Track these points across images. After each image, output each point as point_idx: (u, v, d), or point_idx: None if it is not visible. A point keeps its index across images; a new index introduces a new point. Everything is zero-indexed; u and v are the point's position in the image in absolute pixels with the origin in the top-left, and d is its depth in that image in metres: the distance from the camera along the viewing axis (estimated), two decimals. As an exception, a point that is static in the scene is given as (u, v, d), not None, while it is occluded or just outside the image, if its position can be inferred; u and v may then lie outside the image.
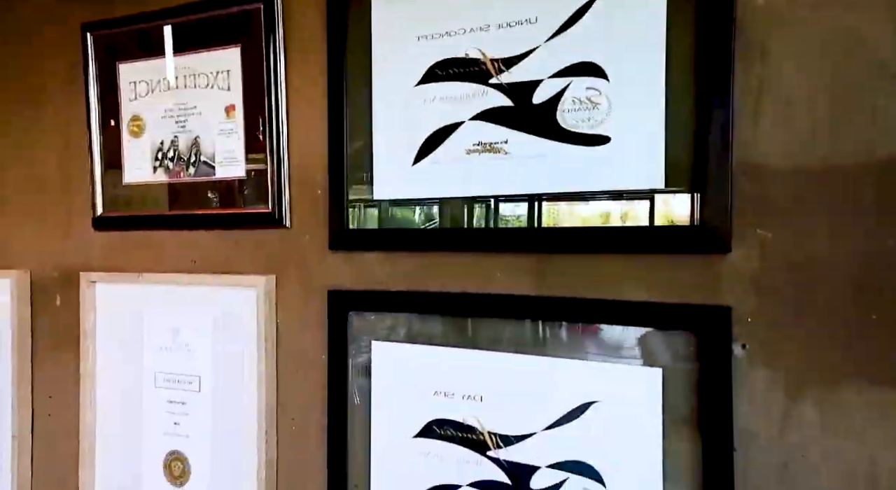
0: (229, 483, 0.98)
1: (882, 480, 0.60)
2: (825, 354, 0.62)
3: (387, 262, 0.87)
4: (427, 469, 0.82)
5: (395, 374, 0.85)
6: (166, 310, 1.04)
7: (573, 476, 0.74)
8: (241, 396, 0.97)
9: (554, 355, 0.75)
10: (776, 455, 0.64)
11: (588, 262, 0.74)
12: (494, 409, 0.78)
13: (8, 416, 1.16)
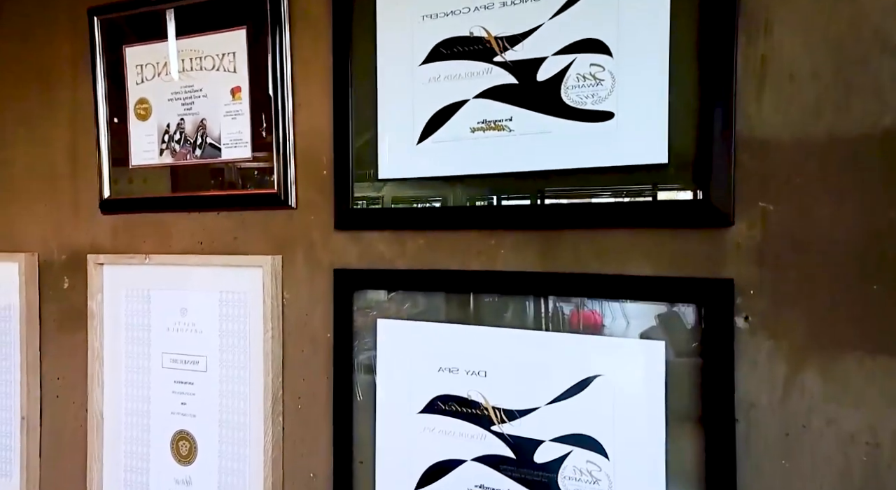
0: (236, 461, 0.99)
1: (883, 447, 0.61)
2: (827, 325, 0.63)
3: (392, 241, 0.88)
4: (432, 444, 0.83)
5: (401, 351, 0.86)
6: (173, 291, 1.05)
7: (577, 449, 0.75)
8: (247, 376, 0.98)
9: (558, 330, 0.76)
10: (777, 424, 0.65)
11: (592, 237, 0.74)
12: (499, 384, 0.79)
13: (17, 397, 1.18)
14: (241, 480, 0.98)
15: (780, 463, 0.64)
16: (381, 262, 0.88)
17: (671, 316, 0.70)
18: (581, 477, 0.74)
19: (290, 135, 0.94)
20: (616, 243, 0.73)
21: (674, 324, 0.70)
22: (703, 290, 0.68)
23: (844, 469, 0.62)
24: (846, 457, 0.62)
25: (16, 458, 1.18)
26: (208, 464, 1.01)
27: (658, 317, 0.71)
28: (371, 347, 0.88)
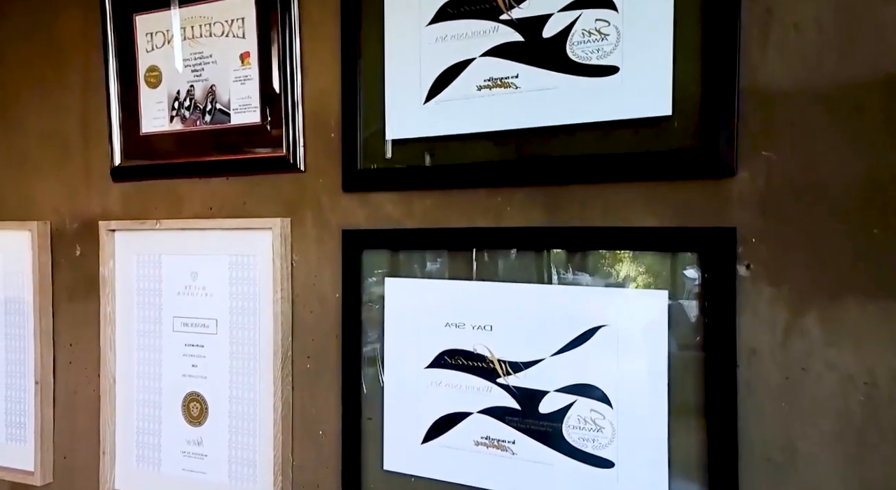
0: (246, 422, 1.01)
1: (881, 388, 0.62)
2: (827, 270, 0.64)
3: (399, 202, 0.89)
4: (439, 398, 0.85)
5: (408, 309, 0.88)
6: (184, 256, 1.06)
7: (581, 398, 0.76)
8: (257, 337, 1.00)
9: (563, 283, 0.78)
10: (777, 369, 0.66)
11: (598, 192, 0.76)
12: (504, 337, 0.81)
13: (30, 363, 1.20)
14: (252, 439, 1.00)
15: (781, 405, 0.66)
16: (389, 222, 0.90)
17: (675, 266, 0.72)
18: (585, 425, 0.76)
19: (298, 98, 0.95)
20: (621, 197, 0.74)
21: (677, 273, 0.71)
22: (706, 239, 0.69)
23: (843, 410, 0.63)
24: (845, 398, 0.63)
25: (30, 422, 1.21)
26: (219, 424, 1.03)
27: (661, 267, 0.72)
28: (379, 306, 0.90)
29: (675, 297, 0.71)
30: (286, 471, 0.96)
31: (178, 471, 1.07)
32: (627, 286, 0.74)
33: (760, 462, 0.67)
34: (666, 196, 0.72)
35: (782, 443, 0.66)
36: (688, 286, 0.71)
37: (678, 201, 0.71)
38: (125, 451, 1.12)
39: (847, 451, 0.63)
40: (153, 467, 1.09)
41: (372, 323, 0.91)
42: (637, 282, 0.73)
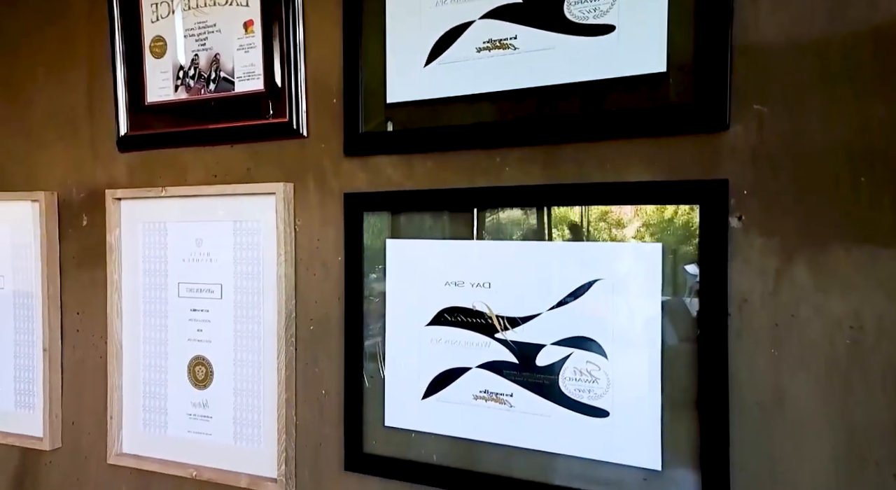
0: (251, 384, 1.03)
1: (867, 331, 0.64)
2: (817, 219, 0.66)
3: (400, 165, 0.91)
4: (439, 354, 0.87)
5: (409, 269, 0.90)
6: (189, 223, 1.08)
7: (577, 351, 0.78)
8: (261, 301, 1.02)
9: (560, 240, 0.79)
10: (768, 315, 0.68)
11: (594, 149, 0.78)
12: (503, 294, 0.83)
13: (38, 332, 1.22)
14: (256, 401, 1.03)
15: (771, 352, 0.68)
16: (390, 185, 0.92)
17: (669, 219, 0.73)
18: (581, 377, 0.78)
19: (301, 65, 0.97)
20: (617, 154, 0.76)
21: (671, 226, 0.73)
22: (699, 192, 0.71)
23: (830, 353, 0.65)
24: (832, 342, 0.65)
25: (38, 390, 1.23)
26: (224, 386, 1.06)
27: (656, 220, 0.74)
28: (380, 267, 0.92)
29: (668, 249, 0.73)
30: (290, 430, 0.99)
31: (183, 433, 1.09)
32: (622, 240, 0.76)
33: (750, 406, 0.69)
34: (661, 151, 0.73)
35: (772, 387, 0.68)
36: (681, 238, 0.73)
37: (673, 156, 0.73)
38: (132, 415, 1.14)
39: (833, 392, 0.65)
40: (160, 430, 1.12)
41: (373, 284, 0.93)
42: (632, 235, 0.75)
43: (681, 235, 0.73)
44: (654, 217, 0.74)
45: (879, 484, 0.63)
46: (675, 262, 0.73)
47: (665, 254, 0.73)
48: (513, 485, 0.81)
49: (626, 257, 0.75)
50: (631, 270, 0.75)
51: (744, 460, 0.69)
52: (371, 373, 0.93)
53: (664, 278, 0.73)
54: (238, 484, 1.02)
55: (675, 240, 0.73)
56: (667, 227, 0.73)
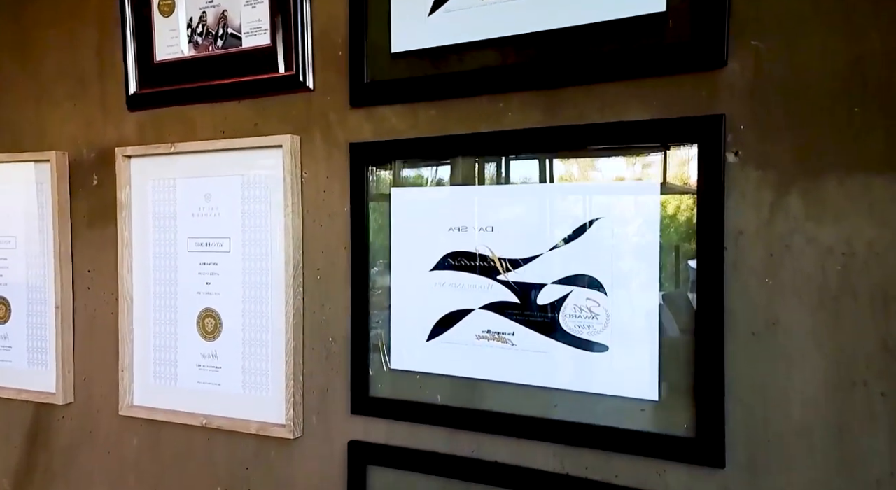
0: (259, 333, 1.06)
1: (857, 256, 0.66)
2: (811, 151, 0.68)
3: (404, 114, 0.93)
4: (443, 298, 0.89)
5: (413, 216, 0.92)
6: (197, 178, 1.11)
7: (577, 288, 0.80)
8: (268, 252, 1.04)
9: (561, 181, 0.81)
10: (762, 247, 0.70)
11: (594, 91, 0.79)
12: (505, 237, 0.85)
13: (51, 290, 1.25)
14: (264, 350, 1.05)
15: (765, 281, 0.70)
16: (395, 134, 0.94)
17: (667, 156, 0.75)
18: (581, 313, 0.80)
19: (307, 19, 0.99)
20: (617, 95, 0.78)
21: (668, 163, 0.75)
22: (696, 128, 0.73)
23: (822, 280, 0.67)
24: (823, 269, 0.67)
25: (51, 347, 1.26)
26: (233, 337, 1.08)
27: (654, 158, 0.76)
28: (386, 216, 0.94)
29: (666, 186, 0.75)
30: (297, 377, 1.01)
31: (193, 384, 1.12)
32: (622, 179, 0.78)
33: (745, 336, 0.71)
34: (659, 92, 0.75)
35: (765, 316, 0.70)
36: (679, 174, 0.75)
37: (671, 96, 0.75)
38: (143, 368, 1.17)
39: (823, 318, 0.67)
40: (170, 382, 1.14)
41: (379, 232, 0.95)
42: (630, 173, 0.77)
43: (679, 171, 0.75)
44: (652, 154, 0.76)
45: (867, 402, 0.65)
46: (672, 199, 0.75)
47: (663, 190, 0.75)
48: (514, 421, 0.84)
49: (624, 195, 0.77)
50: (630, 208, 0.77)
51: (737, 387, 0.71)
52: (377, 318, 0.95)
53: (662, 214, 0.75)
54: (247, 430, 1.05)
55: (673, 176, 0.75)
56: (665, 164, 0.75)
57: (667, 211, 0.75)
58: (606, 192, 0.78)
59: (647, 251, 0.76)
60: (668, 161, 0.75)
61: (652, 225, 0.76)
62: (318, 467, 1.00)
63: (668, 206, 0.75)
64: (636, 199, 0.77)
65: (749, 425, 0.71)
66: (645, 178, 0.76)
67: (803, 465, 0.68)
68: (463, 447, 0.88)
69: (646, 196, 0.76)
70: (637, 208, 0.77)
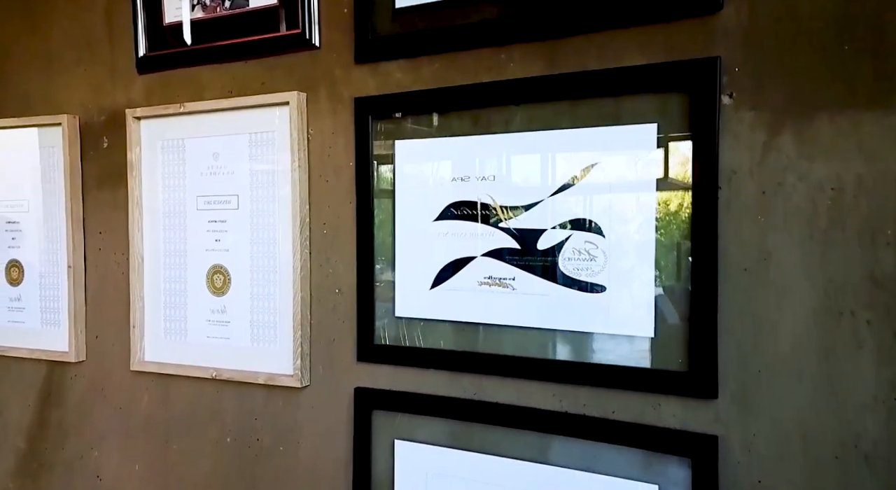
0: (267, 287, 1.09)
1: (846, 191, 0.68)
2: (803, 90, 0.70)
3: (409, 69, 0.95)
4: (446, 246, 0.92)
5: (417, 168, 0.94)
6: (206, 138, 1.13)
7: (576, 232, 0.83)
8: (276, 208, 1.07)
9: (561, 128, 0.84)
10: (755, 186, 0.73)
11: (594, 40, 0.81)
12: (506, 185, 0.87)
13: (63, 252, 1.28)
14: (272, 303, 1.08)
15: (757, 219, 0.72)
16: (399, 88, 0.96)
17: (662, 101, 0.77)
18: (580, 256, 0.83)
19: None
20: (615, 43, 0.80)
21: (666, 107, 0.77)
22: (692, 71, 0.75)
23: (812, 215, 0.70)
24: (814, 204, 0.70)
25: (63, 306, 1.29)
26: (241, 292, 1.11)
27: (651, 103, 0.78)
28: (390, 168, 0.97)
29: (663, 128, 0.77)
30: (305, 328, 1.04)
31: (203, 339, 1.15)
32: (620, 124, 0.80)
33: (738, 272, 0.74)
34: (658, 37, 0.77)
35: (757, 253, 0.73)
36: (675, 119, 0.77)
37: (668, 42, 0.77)
38: (153, 324, 1.20)
39: (813, 251, 0.70)
40: (180, 337, 1.18)
41: (383, 184, 0.98)
42: (629, 118, 0.79)
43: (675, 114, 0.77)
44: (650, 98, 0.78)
45: (853, 330, 0.68)
46: (668, 141, 0.77)
47: (660, 133, 0.77)
48: (514, 362, 0.87)
49: (623, 139, 0.80)
50: (629, 151, 0.79)
51: (730, 321, 0.74)
52: (382, 269, 0.98)
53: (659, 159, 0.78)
54: (256, 381, 1.08)
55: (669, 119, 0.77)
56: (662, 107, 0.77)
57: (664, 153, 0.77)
58: (605, 135, 0.81)
59: (645, 192, 0.78)
60: (666, 104, 0.77)
61: (650, 166, 0.78)
62: (325, 414, 1.03)
63: (665, 144, 0.77)
64: (634, 141, 0.79)
65: (740, 357, 0.74)
66: (642, 121, 0.78)
67: (792, 393, 0.71)
68: (465, 389, 0.91)
69: (643, 139, 0.78)
70: (635, 151, 0.79)
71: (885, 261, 0.66)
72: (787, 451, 0.71)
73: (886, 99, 0.66)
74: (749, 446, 0.73)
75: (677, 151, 0.77)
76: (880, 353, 0.67)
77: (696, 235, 0.75)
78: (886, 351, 0.66)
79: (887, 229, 0.66)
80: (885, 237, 0.66)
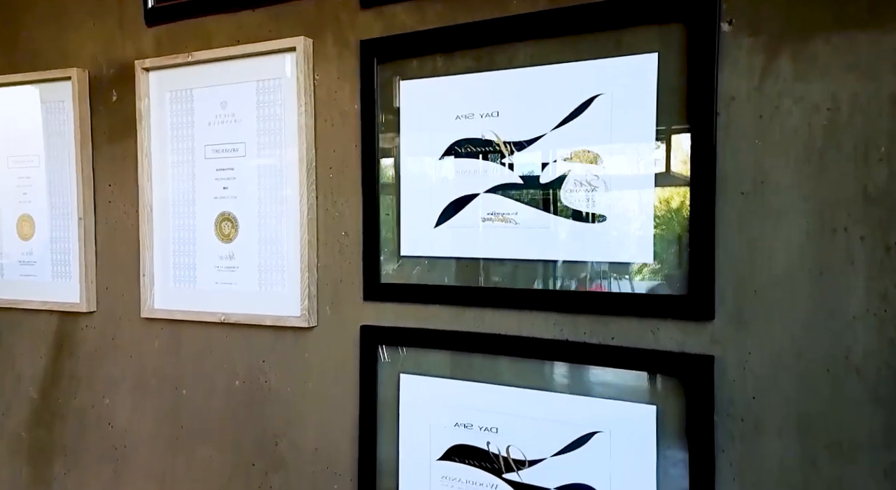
0: (274, 232, 1.11)
1: (841, 110, 0.70)
2: (800, 13, 0.72)
3: (413, 10, 0.97)
4: (450, 184, 0.94)
5: (421, 108, 0.96)
6: (213, 87, 1.15)
7: (578, 164, 0.85)
8: (282, 154, 1.09)
9: (563, 61, 0.85)
10: (753, 110, 0.74)
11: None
12: (510, 120, 0.89)
13: (73, 204, 1.30)
14: (279, 248, 1.10)
15: (755, 142, 0.74)
16: (404, 30, 0.97)
17: (662, 32, 0.79)
18: (580, 187, 0.85)
19: (319, -77, 1.02)
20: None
21: (666, 38, 0.79)
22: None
23: (808, 136, 0.72)
24: (810, 126, 0.71)
25: (74, 259, 1.32)
26: (249, 237, 1.13)
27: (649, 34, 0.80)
28: (394, 110, 0.99)
29: (663, 59, 0.79)
30: (312, 271, 1.07)
31: (211, 285, 1.18)
32: (620, 55, 0.82)
33: (734, 195, 0.75)
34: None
35: (754, 176, 0.74)
36: (676, 47, 0.78)
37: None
38: (163, 273, 1.23)
39: (808, 172, 0.72)
40: (189, 284, 1.20)
41: (389, 126, 1.00)
42: (629, 49, 0.81)
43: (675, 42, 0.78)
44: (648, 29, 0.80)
45: (847, 247, 0.70)
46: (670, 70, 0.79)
47: (660, 64, 0.79)
48: (516, 294, 0.89)
49: (622, 71, 0.81)
50: (628, 86, 0.81)
51: (727, 244, 0.76)
52: (387, 210, 1.00)
53: (659, 88, 0.79)
54: (263, 323, 1.11)
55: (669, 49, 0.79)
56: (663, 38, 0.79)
57: (664, 82, 0.79)
58: (605, 68, 0.82)
59: (645, 123, 0.80)
60: (667, 34, 0.79)
61: (649, 97, 0.80)
62: (332, 353, 1.06)
63: (665, 73, 0.79)
64: (633, 72, 0.81)
65: (737, 279, 0.76)
66: (641, 52, 0.80)
67: (786, 311, 0.73)
68: (468, 323, 0.93)
69: (643, 69, 0.80)
70: (634, 84, 0.81)
71: (878, 176, 0.68)
72: (781, 368, 0.74)
73: (880, 17, 0.68)
74: (744, 365, 0.75)
75: (677, 79, 0.78)
76: (872, 267, 0.69)
77: (694, 161, 0.77)
78: (878, 264, 0.68)
79: (881, 145, 0.68)
80: (879, 153, 0.68)
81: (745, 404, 0.75)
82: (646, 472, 0.80)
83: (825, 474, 0.71)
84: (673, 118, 0.79)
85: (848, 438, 0.70)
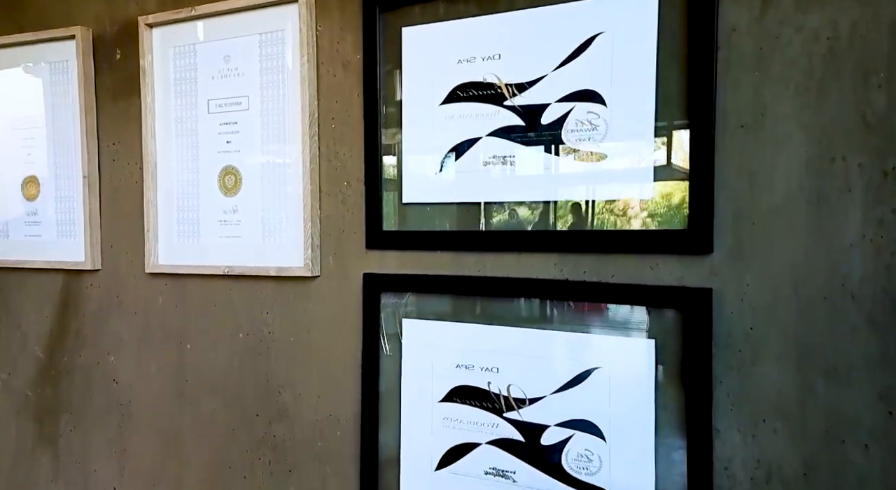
0: (276, 185, 1.12)
1: (841, 39, 0.71)
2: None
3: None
4: (452, 129, 0.94)
5: (423, 53, 0.96)
6: (217, 41, 1.16)
7: (579, 103, 0.85)
8: (285, 106, 1.10)
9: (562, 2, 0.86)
10: (753, 42, 0.75)
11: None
12: (510, 62, 0.90)
13: (78, 164, 1.31)
14: (282, 200, 1.11)
15: (754, 74, 0.75)
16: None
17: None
18: (582, 127, 0.85)
19: None
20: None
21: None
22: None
23: (807, 66, 0.72)
24: (810, 55, 0.72)
25: (79, 219, 1.33)
26: (252, 190, 1.14)
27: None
28: (397, 58, 0.99)
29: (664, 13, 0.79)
30: (315, 221, 1.08)
31: (215, 239, 1.19)
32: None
33: (734, 129, 0.76)
34: None
35: (753, 108, 0.75)
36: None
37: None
38: (167, 228, 1.24)
39: (808, 101, 0.72)
40: (193, 239, 1.21)
41: (391, 75, 1.00)
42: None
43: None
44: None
45: (844, 174, 0.71)
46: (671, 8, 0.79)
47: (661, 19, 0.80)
48: (516, 236, 0.90)
49: (622, 12, 0.82)
50: (630, 24, 0.81)
51: (727, 176, 0.77)
52: (389, 158, 1.01)
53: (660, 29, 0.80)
54: (267, 274, 1.12)
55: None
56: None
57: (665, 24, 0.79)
58: (607, 6, 0.83)
59: (645, 60, 0.81)
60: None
61: (649, 38, 0.80)
62: (334, 301, 1.07)
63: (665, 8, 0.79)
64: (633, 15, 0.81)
65: (736, 211, 0.76)
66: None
67: (784, 242, 0.74)
68: (469, 267, 0.94)
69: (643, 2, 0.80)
70: (635, 22, 0.81)
71: (877, 103, 0.69)
72: (778, 298, 0.74)
73: (882, -55, 0.68)
74: (742, 297, 0.76)
75: (676, 14, 0.79)
76: (869, 193, 0.69)
77: (692, 95, 0.78)
78: (875, 191, 0.69)
79: (880, 72, 0.68)
80: (878, 79, 0.68)
81: (743, 335, 0.76)
82: (644, 406, 0.81)
83: (822, 399, 0.72)
84: (674, 54, 0.79)
85: (844, 363, 0.71)
